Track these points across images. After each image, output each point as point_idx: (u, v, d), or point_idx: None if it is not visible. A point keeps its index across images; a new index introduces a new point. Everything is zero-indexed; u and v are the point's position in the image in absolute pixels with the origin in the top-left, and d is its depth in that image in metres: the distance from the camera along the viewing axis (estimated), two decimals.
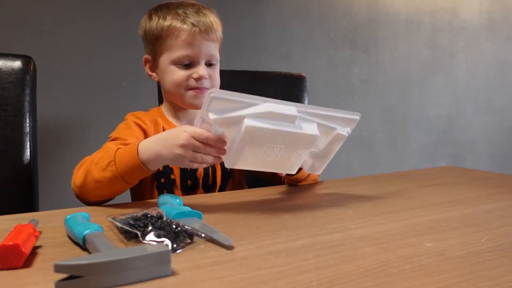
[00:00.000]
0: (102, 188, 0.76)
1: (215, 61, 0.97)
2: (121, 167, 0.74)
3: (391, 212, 0.74)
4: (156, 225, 0.55)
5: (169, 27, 0.93)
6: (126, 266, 0.43)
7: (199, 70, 0.93)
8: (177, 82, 0.93)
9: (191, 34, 0.91)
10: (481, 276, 0.47)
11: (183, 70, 0.93)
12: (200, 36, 0.92)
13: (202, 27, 0.92)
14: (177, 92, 0.95)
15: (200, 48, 0.93)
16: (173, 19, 0.93)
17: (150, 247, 0.47)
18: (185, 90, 0.94)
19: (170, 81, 0.94)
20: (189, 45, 0.92)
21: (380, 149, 2.34)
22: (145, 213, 0.59)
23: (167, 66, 0.94)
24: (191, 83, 0.93)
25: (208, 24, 0.94)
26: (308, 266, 0.49)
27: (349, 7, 2.18)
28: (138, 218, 0.58)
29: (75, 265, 0.41)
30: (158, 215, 0.59)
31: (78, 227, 0.55)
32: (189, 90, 0.94)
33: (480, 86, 2.62)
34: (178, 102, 0.97)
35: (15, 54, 1.03)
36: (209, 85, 0.95)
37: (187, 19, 0.92)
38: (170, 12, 0.94)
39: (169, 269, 0.46)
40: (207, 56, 0.94)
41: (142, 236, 0.53)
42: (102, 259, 0.42)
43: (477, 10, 2.55)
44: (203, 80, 0.93)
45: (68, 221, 0.59)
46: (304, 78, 1.38)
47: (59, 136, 1.58)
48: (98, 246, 0.49)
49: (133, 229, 0.55)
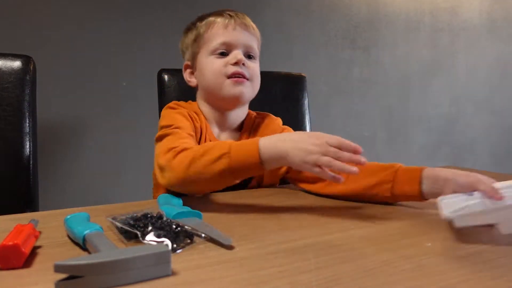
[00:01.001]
0: (205, 181, 0.73)
1: (254, 54, 0.95)
2: (236, 161, 0.71)
3: (391, 212, 0.74)
4: (156, 225, 0.55)
5: (206, 22, 0.94)
6: (126, 266, 0.43)
7: (236, 54, 0.91)
8: (216, 70, 0.91)
9: (226, 22, 0.92)
10: (481, 276, 0.47)
11: (220, 59, 0.92)
12: (236, 24, 0.92)
13: (239, 17, 0.93)
14: (216, 83, 0.92)
15: (237, 35, 0.92)
16: (210, 16, 0.95)
17: (150, 247, 0.47)
18: (223, 78, 0.91)
19: (209, 73, 0.92)
20: (225, 31, 0.91)
21: (380, 149, 2.34)
22: (145, 213, 0.59)
23: (205, 59, 0.93)
24: (229, 69, 0.91)
25: (246, 18, 0.95)
26: (308, 266, 0.49)
27: (349, 7, 2.18)
28: (138, 218, 0.57)
29: (75, 265, 0.41)
30: (158, 215, 0.59)
31: (78, 227, 0.55)
32: (228, 78, 0.91)
33: (480, 86, 2.62)
34: (218, 97, 0.93)
35: (15, 54, 1.03)
36: (248, 75, 0.92)
37: (224, 13, 0.94)
38: (207, 14, 0.96)
39: (169, 269, 0.46)
40: (245, 45, 0.93)
41: (142, 236, 0.53)
42: (102, 259, 0.42)
43: (477, 10, 2.55)
44: (241, 65, 0.91)
45: (68, 221, 0.59)
46: (304, 78, 1.38)
47: (59, 136, 1.58)
48: (98, 246, 0.49)
49: (133, 229, 0.55)
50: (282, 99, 1.33)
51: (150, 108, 1.30)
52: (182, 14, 1.74)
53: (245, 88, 0.92)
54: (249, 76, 0.92)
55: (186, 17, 1.03)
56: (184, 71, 1.01)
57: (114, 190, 1.61)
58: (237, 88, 0.91)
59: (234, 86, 0.91)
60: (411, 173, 0.75)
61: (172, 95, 1.17)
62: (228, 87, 0.91)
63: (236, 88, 0.91)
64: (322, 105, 2.13)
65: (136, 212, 0.60)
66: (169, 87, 1.18)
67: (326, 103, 2.16)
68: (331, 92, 2.17)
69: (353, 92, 2.23)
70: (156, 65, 1.26)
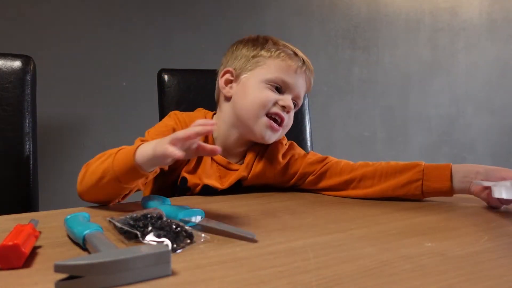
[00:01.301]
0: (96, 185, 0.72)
1: (298, 104, 0.94)
2: (117, 161, 0.70)
3: (391, 212, 0.74)
4: (156, 225, 0.55)
5: (279, 53, 0.91)
6: (126, 266, 0.43)
7: (287, 99, 0.89)
8: (262, 100, 0.87)
9: (298, 65, 0.91)
10: (481, 276, 0.47)
11: (273, 92, 0.89)
12: (304, 72, 0.92)
13: (309, 66, 0.94)
14: (255, 113, 0.88)
15: (298, 81, 0.91)
16: (286, 48, 0.92)
17: (150, 247, 0.47)
18: (263, 112, 0.88)
19: (254, 98, 0.88)
20: (291, 73, 0.90)
21: (380, 149, 2.34)
22: (145, 213, 0.59)
23: (258, 83, 0.89)
24: (274, 108, 0.88)
25: (313, 70, 0.95)
26: (308, 266, 0.49)
27: (349, 7, 2.18)
28: (138, 219, 0.58)
29: (75, 265, 0.41)
30: (158, 215, 0.59)
31: (78, 227, 0.55)
32: (267, 116, 0.88)
33: (480, 86, 2.62)
34: (245, 127, 0.90)
35: (15, 54, 1.03)
36: (286, 122, 0.90)
37: (298, 54, 0.93)
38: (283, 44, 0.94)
39: (169, 269, 0.46)
40: (298, 94, 0.92)
41: (142, 236, 0.53)
42: (102, 259, 0.42)
43: (477, 10, 2.55)
44: (286, 112, 0.89)
45: (68, 221, 0.59)
46: None
47: (59, 136, 1.58)
48: (98, 246, 0.49)
49: (133, 229, 0.55)
50: None
51: (150, 108, 1.30)
52: (182, 14, 1.74)
53: (275, 137, 0.91)
54: (285, 124, 0.91)
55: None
56: (221, 76, 0.95)
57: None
58: (268, 133, 0.89)
59: (267, 129, 0.88)
60: (441, 171, 0.81)
61: (172, 95, 1.17)
62: (261, 126, 0.88)
63: (268, 132, 0.88)
64: (322, 105, 2.13)
65: (136, 212, 0.60)
66: (169, 87, 1.18)
67: (326, 103, 2.15)
68: (331, 92, 2.17)
69: (353, 92, 2.23)
70: (156, 65, 1.26)
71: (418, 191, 0.82)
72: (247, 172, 0.93)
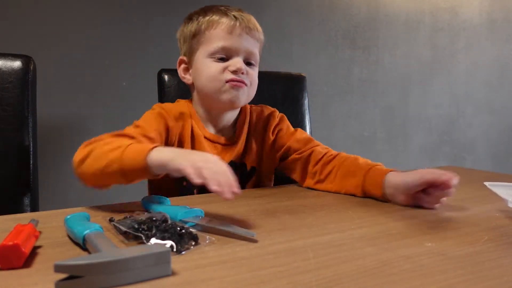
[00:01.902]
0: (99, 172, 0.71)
1: (254, 61, 0.93)
2: (127, 157, 0.69)
3: (391, 212, 0.74)
4: (160, 228, 0.55)
5: (209, 20, 0.89)
6: (126, 266, 0.43)
7: (236, 62, 0.88)
8: (213, 75, 0.88)
9: (231, 25, 0.88)
10: (481, 276, 0.47)
11: (219, 63, 0.88)
12: (241, 29, 0.88)
13: (244, 20, 0.89)
14: (213, 87, 0.89)
15: (239, 41, 0.88)
16: (214, 13, 0.90)
17: (150, 247, 0.47)
18: (221, 82, 0.88)
19: (206, 76, 0.89)
20: (228, 36, 0.87)
21: (380, 149, 2.34)
22: (150, 216, 0.59)
23: (203, 60, 0.90)
24: (227, 75, 0.88)
25: (252, 20, 0.91)
26: (308, 266, 0.49)
27: (349, 7, 2.18)
28: (142, 222, 0.57)
29: (75, 265, 0.41)
30: (162, 218, 0.59)
31: (78, 227, 0.55)
32: (226, 82, 0.88)
33: (480, 86, 2.62)
34: (213, 100, 0.91)
35: (15, 54, 1.03)
36: (248, 82, 0.90)
37: (229, 13, 0.89)
38: (212, 9, 0.91)
39: (169, 269, 0.46)
40: (247, 52, 0.90)
41: (146, 239, 0.53)
42: (102, 259, 0.42)
43: (477, 10, 2.55)
44: (239, 74, 0.88)
45: (68, 221, 0.59)
46: (304, 78, 1.38)
47: (59, 136, 1.58)
48: (98, 246, 0.49)
49: (137, 233, 0.54)
50: (282, 99, 1.33)
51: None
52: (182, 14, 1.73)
53: (242, 94, 0.90)
54: (248, 84, 0.90)
55: None
56: (179, 66, 0.97)
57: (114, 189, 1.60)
58: (234, 93, 0.89)
59: (231, 91, 0.88)
60: (376, 178, 0.81)
61: (172, 95, 1.17)
62: (226, 92, 0.89)
63: (233, 93, 0.89)
64: (322, 105, 2.13)
65: (141, 215, 0.60)
66: (169, 87, 1.18)
67: (326, 103, 2.16)
68: (331, 92, 2.17)
69: (353, 92, 2.23)
70: (156, 65, 1.26)
71: (362, 194, 0.84)
72: (241, 146, 0.96)
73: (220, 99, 0.90)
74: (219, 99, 0.90)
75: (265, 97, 1.32)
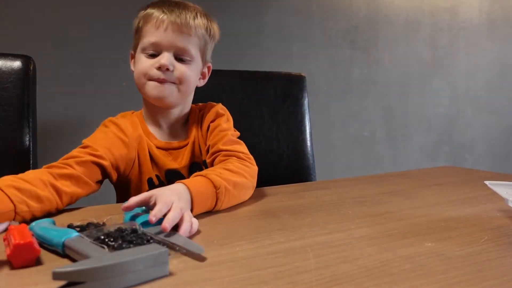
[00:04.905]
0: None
1: (188, 56, 0.89)
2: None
3: (391, 212, 0.74)
4: (127, 239, 0.52)
5: (145, 14, 0.89)
6: (127, 268, 0.43)
7: (161, 59, 0.86)
8: (140, 71, 0.88)
9: (159, 19, 0.86)
10: (481, 276, 0.47)
11: (148, 59, 0.88)
12: (170, 24, 0.86)
13: (174, 16, 0.87)
14: (139, 83, 0.90)
15: (167, 37, 0.86)
16: (152, 7, 0.89)
17: (147, 248, 0.47)
18: (146, 80, 0.88)
19: (136, 71, 0.90)
20: (156, 31, 0.87)
21: (380, 149, 2.34)
22: (119, 227, 0.55)
23: (138, 55, 0.90)
24: (153, 72, 0.87)
25: (185, 16, 0.87)
26: (308, 266, 0.49)
27: (349, 7, 2.18)
28: (109, 234, 0.53)
29: (76, 271, 0.40)
30: (132, 229, 0.55)
31: (53, 232, 0.52)
32: (150, 80, 0.88)
33: (480, 86, 2.62)
34: (143, 94, 0.92)
35: (15, 54, 1.03)
36: (174, 79, 0.88)
37: (164, 7, 0.88)
38: (156, 4, 0.90)
39: (167, 269, 0.46)
40: (175, 47, 0.88)
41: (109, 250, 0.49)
42: (103, 263, 0.42)
43: (477, 10, 2.55)
44: (165, 71, 0.87)
45: (35, 228, 0.55)
46: (304, 78, 1.38)
47: (59, 136, 1.58)
48: (87, 251, 0.47)
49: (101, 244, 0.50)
50: (282, 99, 1.33)
51: None
52: None
53: (168, 91, 0.88)
54: (174, 80, 0.88)
55: None
56: (130, 60, 0.97)
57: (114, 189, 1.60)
58: (157, 89, 0.88)
59: (154, 88, 0.88)
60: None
61: None
62: (149, 88, 0.88)
63: (156, 89, 0.88)
64: (322, 105, 2.13)
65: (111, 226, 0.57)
66: None
67: (326, 103, 2.16)
68: (331, 92, 2.17)
69: (353, 92, 2.23)
70: None
71: None
72: (196, 145, 0.95)
73: (148, 96, 0.90)
74: (148, 96, 0.90)
75: (265, 97, 1.32)
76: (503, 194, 0.72)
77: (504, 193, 0.72)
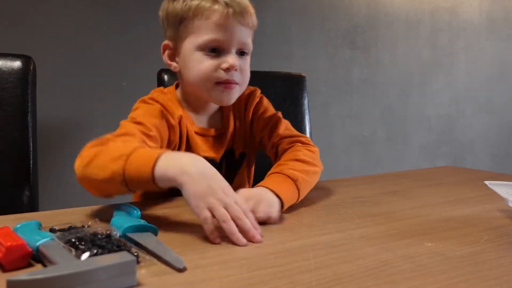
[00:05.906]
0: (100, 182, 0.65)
1: (247, 50, 0.86)
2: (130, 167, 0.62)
3: (391, 212, 0.74)
4: (97, 243, 0.49)
5: (198, 6, 0.81)
6: (88, 278, 0.40)
7: (229, 58, 0.81)
8: (204, 73, 0.81)
9: (223, 15, 0.80)
10: (481, 276, 0.47)
11: (210, 58, 0.81)
12: (234, 19, 0.81)
13: (237, 8, 0.81)
14: (203, 86, 0.83)
15: (232, 33, 0.81)
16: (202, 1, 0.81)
17: (113, 256, 0.44)
18: (212, 84, 0.82)
19: (196, 72, 0.82)
20: (220, 28, 0.80)
21: (380, 149, 2.34)
22: (95, 231, 0.53)
23: (192, 52, 0.82)
24: (220, 75, 0.81)
25: (244, 5, 0.83)
26: (308, 266, 0.49)
27: (349, 7, 2.18)
28: (82, 238, 0.51)
29: (30, 280, 0.38)
30: (106, 233, 0.53)
31: (33, 236, 0.50)
32: (217, 84, 0.82)
33: (480, 86, 2.62)
34: (204, 96, 0.86)
35: (15, 54, 1.03)
36: (239, 79, 0.84)
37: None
38: None
39: (135, 279, 0.43)
40: (240, 43, 0.83)
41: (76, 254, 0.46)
42: (60, 272, 0.39)
43: (477, 10, 2.55)
44: (233, 72, 0.82)
45: (18, 230, 0.53)
46: (304, 78, 1.38)
47: (59, 136, 1.58)
48: (54, 257, 0.45)
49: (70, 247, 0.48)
50: (282, 99, 1.33)
51: None
52: None
53: (234, 94, 0.86)
54: (239, 81, 0.85)
55: None
56: (163, 52, 0.90)
57: None
58: (226, 95, 0.84)
59: (223, 93, 0.84)
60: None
61: None
62: (216, 93, 0.84)
63: (225, 95, 0.84)
64: (322, 105, 2.13)
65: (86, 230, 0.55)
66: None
67: (326, 103, 2.15)
68: (331, 92, 2.17)
69: (353, 92, 2.23)
70: (156, 65, 1.26)
71: None
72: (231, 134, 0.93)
73: (209, 97, 0.86)
74: (210, 98, 0.87)
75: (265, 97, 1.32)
76: (503, 194, 0.72)
77: (504, 193, 0.72)
